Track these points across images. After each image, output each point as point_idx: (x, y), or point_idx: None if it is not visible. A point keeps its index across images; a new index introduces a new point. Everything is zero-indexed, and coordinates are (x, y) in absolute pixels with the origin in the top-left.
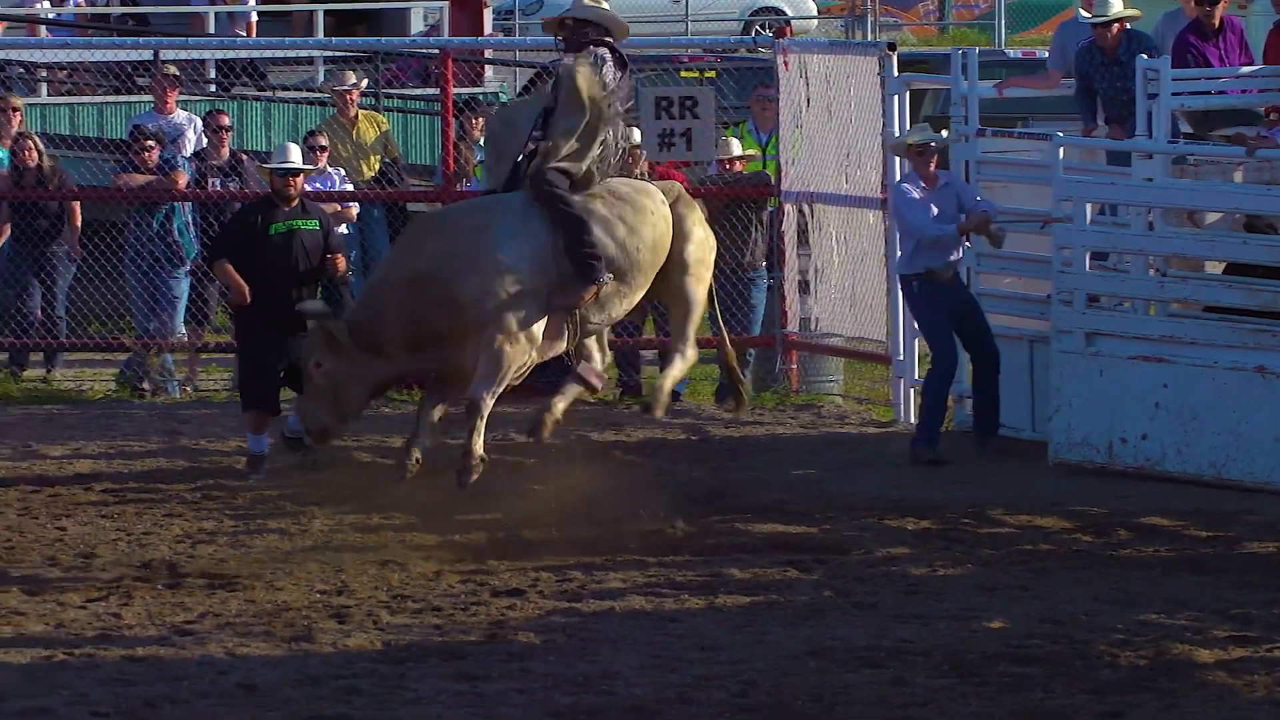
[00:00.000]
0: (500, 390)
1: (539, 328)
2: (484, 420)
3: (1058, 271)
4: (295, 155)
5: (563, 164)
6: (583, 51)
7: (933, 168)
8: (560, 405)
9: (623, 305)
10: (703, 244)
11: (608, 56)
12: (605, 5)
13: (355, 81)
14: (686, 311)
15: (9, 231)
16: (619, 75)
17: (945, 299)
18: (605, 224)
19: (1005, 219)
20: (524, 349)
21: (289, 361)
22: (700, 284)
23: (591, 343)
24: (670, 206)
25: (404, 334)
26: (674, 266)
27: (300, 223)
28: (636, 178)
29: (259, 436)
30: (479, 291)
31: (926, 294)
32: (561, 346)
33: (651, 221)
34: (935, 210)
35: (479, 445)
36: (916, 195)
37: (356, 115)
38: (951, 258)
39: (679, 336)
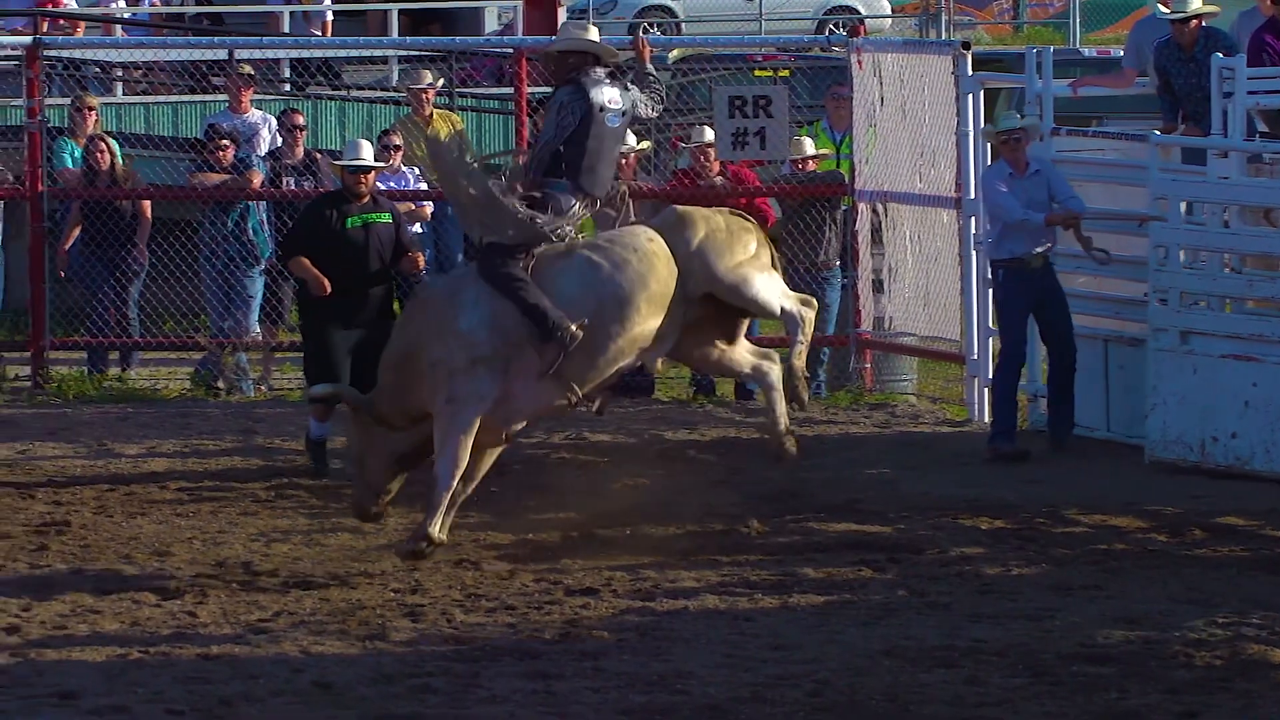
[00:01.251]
0: (459, 465)
1: (491, 392)
2: (445, 497)
3: (1154, 270)
4: (367, 152)
5: (492, 236)
6: (570, 83)
7: (1022, 155)
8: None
9: (626, 346)
10: (713, 235)
11: (603, 78)
12: (591, 33)
13: (431, 81)
14: (753, 297)
15: (78, 232)
16: (619, 95)
17: (1029, 289)
18: (574, 272)
19: (1097, 219)
20: (470, 415)
21: (357, 353)
22: (738, 266)
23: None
24: (662, 236)
25: (402, 407)
26: (701, 280)
27: (373, 216)
28: (710, 177)
29: (323, 423)
30: (434, 359)
31: (1010, 282)
32: (559, 404)
33: (636, 258)
34: (1024, 197)
35: (435, 527)
36: (1004, 181)
37: (431, 114)
38: (1040, 247)
39: (779, 318)
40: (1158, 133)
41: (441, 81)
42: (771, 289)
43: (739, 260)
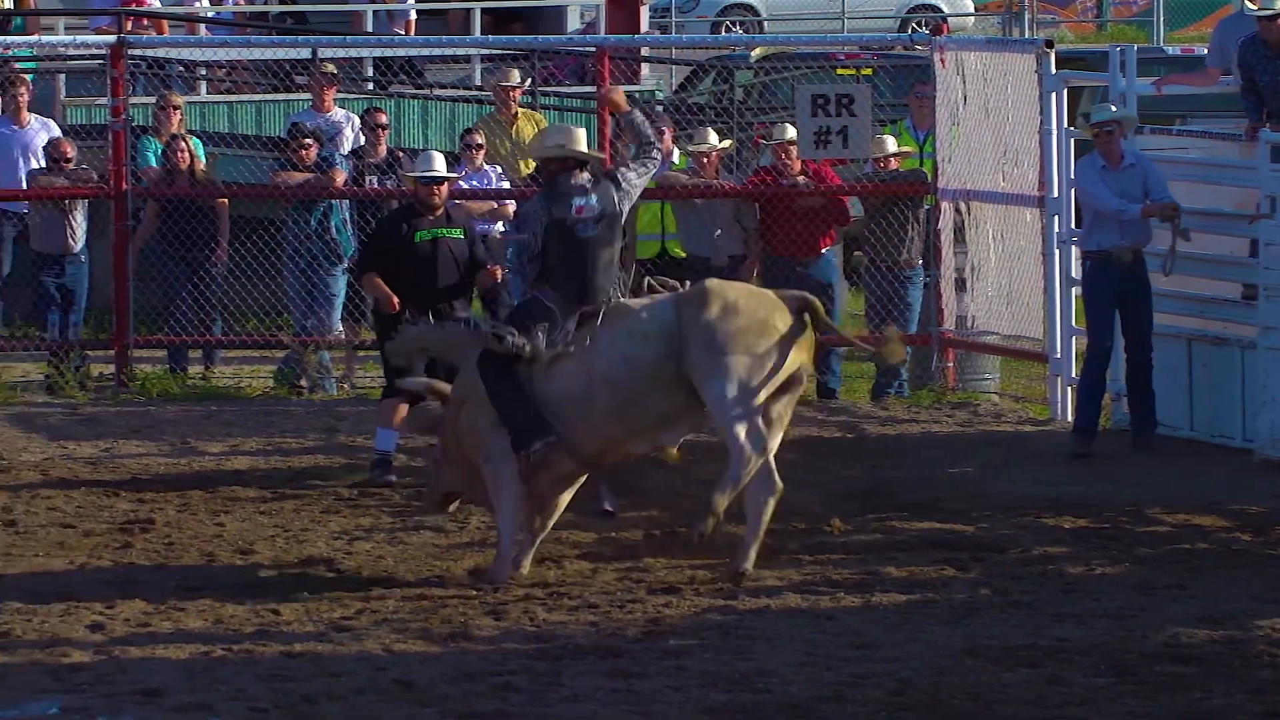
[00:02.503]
0: (515, 515)
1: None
2: (509, 547)
3: (1264, 268)
4: (439, 163)
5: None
6: (539, 192)
7: (1116, 147)
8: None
9: (624, 426)
10: (721, 320)
11: (576, 186)
12: (572, 137)
13: (519, 80)
14: (710, 399)
15: (152, 230)
16: (592, 201)
17: (1114, 283)
18: (576, 347)
19: (1195, 216)
20: (507, 468)
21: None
22: (720, 360)
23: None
24: (680, 309)
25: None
26: (684, 363)
27: (445, 231)
28: (792, 175)
29: (389, 433)
30: (466, 422)
31: (1096, 275)
32: (572, 481)
33: (630, 340)
34: (1116, 190)
35: (502, 572)
36: (1097, 173)
37: (516, 113)
38: (1129, 241)
39: (724, 437)
40: (1268, 130)
41: (529, 81)
42: (735, 401)
43: (728, 355)
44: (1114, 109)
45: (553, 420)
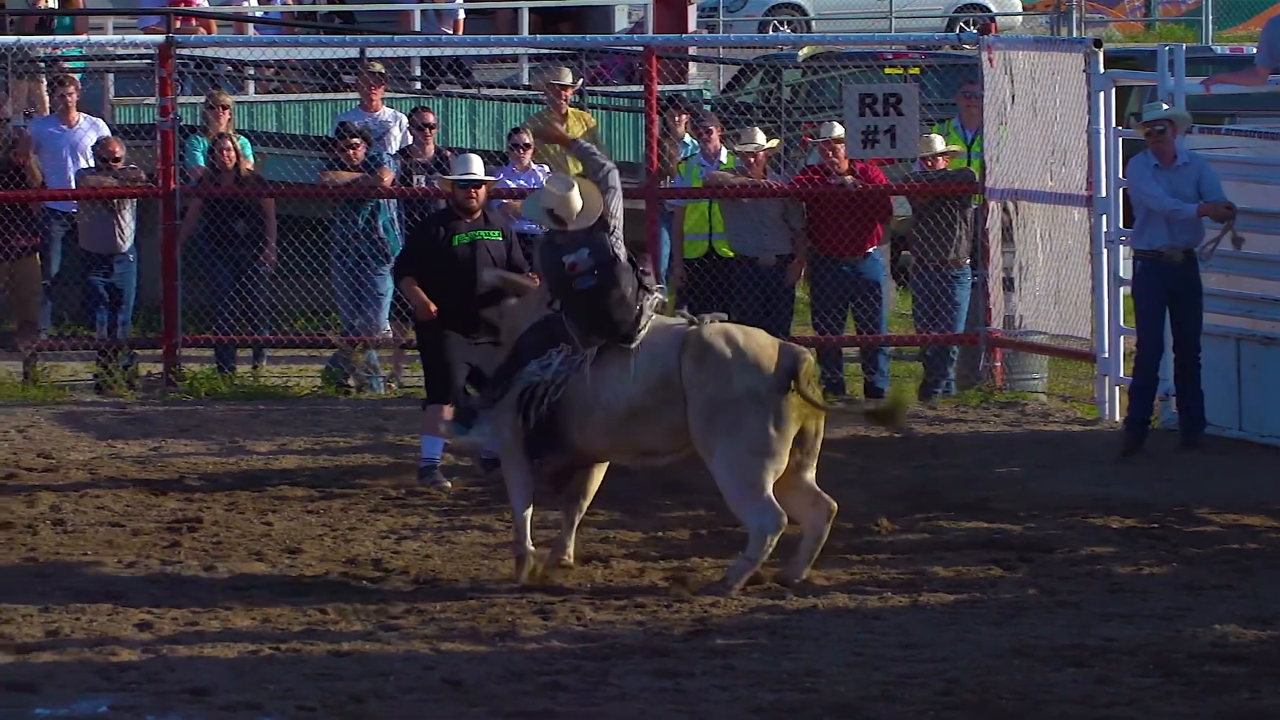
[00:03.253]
0: (522, 493)
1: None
2: (522, 520)
3: None
4: (476, 166)
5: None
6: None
7: (1169, 146)
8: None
9: (615, 443)
10: (720, 394)
11: (580, 237)
12: (564, 203)
13: (571, 79)
14: (728, 502)
15: (194, 225)
16: (597, 245)
17: (1165, 282)
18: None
19: (1244, 218)
20: (517, 451)
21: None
22: (721, 461)
23: None
24: (679, 360)
25: None
26: (692, 433)
27: (483, 233)
28: (840, 174)
29: (435, 440)
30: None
31: (1147, 273)
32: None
33: (629, 376)
34: (1168, 189)
35: (523, 542)
36: (1150, 172)
37: (567, 113)
38: (1180, 240)
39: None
40: None
41: (581, 81)
42: (743, 486)
43: (731, 439)
44: (1165, 107)
45: (565, 425)
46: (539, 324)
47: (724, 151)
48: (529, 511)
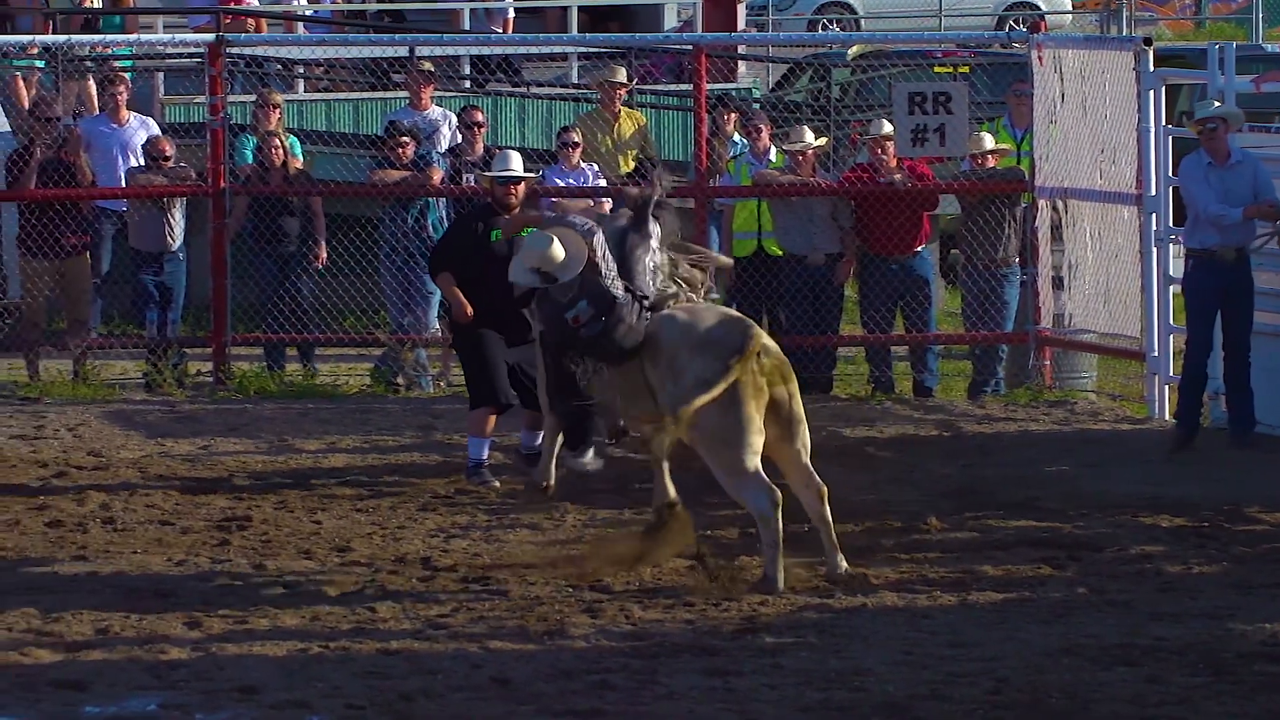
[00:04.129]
0: (549, 441)
1: None
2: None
3: None
4: (516, 163)
5: None
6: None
7: (1221, 144)
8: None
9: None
10: (688, 395)
11: (575, 289)
12: (548, 259)
13: (625, 78)
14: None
15: (240, 222)
16: (593, 291)
17: (1217, 281)
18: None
19: None
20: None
21: (511, 367)
22: (704, 455)
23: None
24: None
25: None
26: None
27: (523, 230)
28: (889, 171)
29: (481, 441)
30: None
31: (1199, 273)
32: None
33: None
34: (1221, 188)
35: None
36: (1202, 171)
37: (619, 111)
38: (1231, 240)
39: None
40: None
41: (636, 80)
42: (730, 473)
43: (706, 436)
44: (1217, 105)
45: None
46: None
47: (773, 150)
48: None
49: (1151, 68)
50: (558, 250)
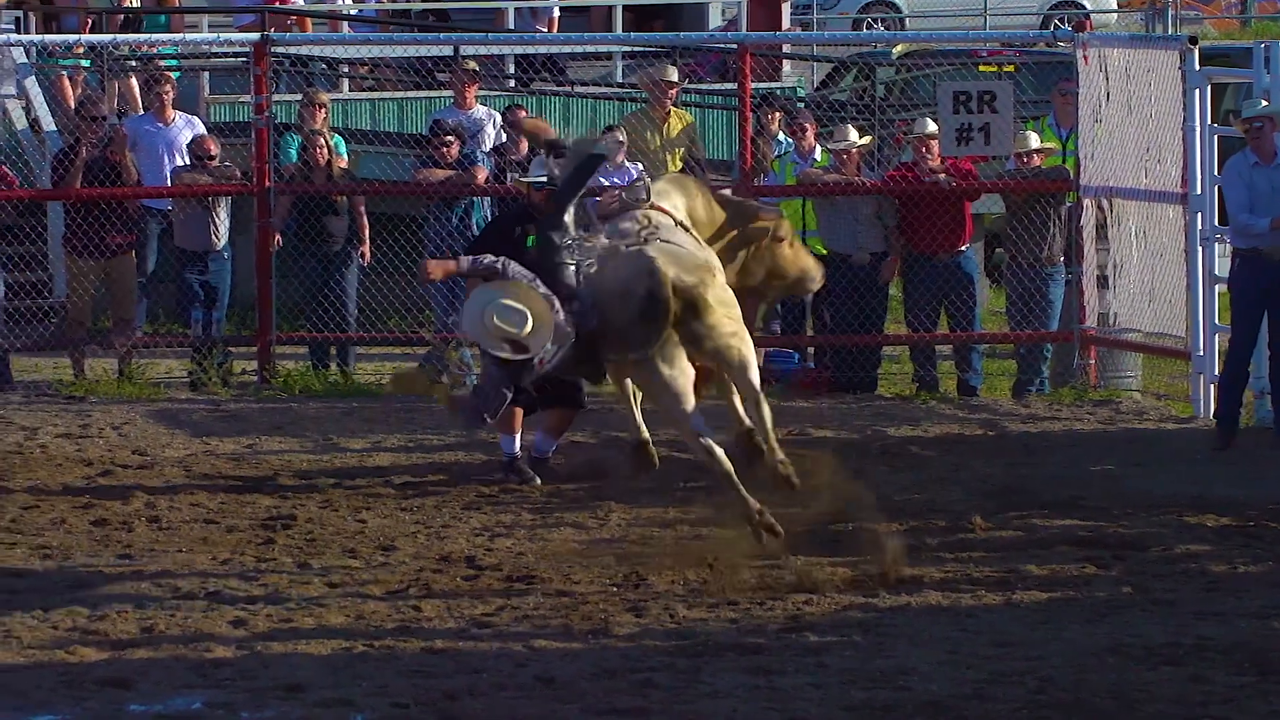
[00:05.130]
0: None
1: None
2: None
3: None
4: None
5: None
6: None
7: (1268, 143)
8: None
9: None
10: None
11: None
12: (514, 325)
13: (676, 77)
14: None
15: (284, 220)
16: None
17: (1261, 280)
18: None
19: None
20: None
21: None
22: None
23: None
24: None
25: None
26: None
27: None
28: (933, 171)
29: (511, 437)
30: None
31: (1245, 272)
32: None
33: None
34: (1267, 187)
35: None
36: (1247, 171)
37: (669, 111)
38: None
39: None
40: None
41: (687, 80)
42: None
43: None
44: (1264, 104)
45: None
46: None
47: (818, 149)
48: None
49: (1197, 66)
50: (530, 323)
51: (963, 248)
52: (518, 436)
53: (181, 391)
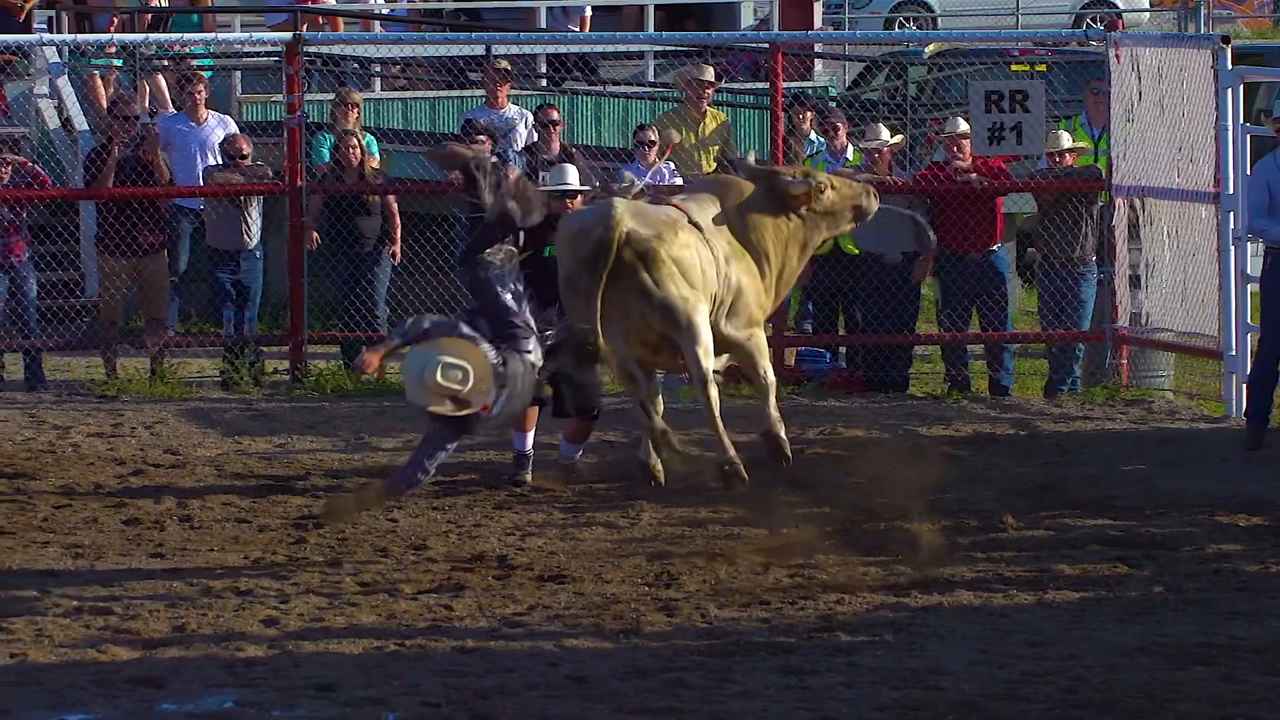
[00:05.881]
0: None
1: None
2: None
3: None
4: (572, 177)
5: None
6: None
7: None
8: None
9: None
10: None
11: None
12: (465, 387)
13: (713, 77)
14: None
15: (316, 220)
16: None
17: None
18: None
19: None
20: None
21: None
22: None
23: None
24: None
25: None
26: None
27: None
28: (965, 171)
29: (523, 435)
30: None
31: (1276, 272)
32: None
33: None
34: None
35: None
36: (1272, 174)
37: (705, 111)
38: None
39: None
40: None
41: (722, 78)
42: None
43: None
44: None
45: None
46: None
47: (850, 148)
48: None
49: (1229, 65)
50: (471, 378)
51: (994, 247)
52: (530, 435)
53: (213, 391)
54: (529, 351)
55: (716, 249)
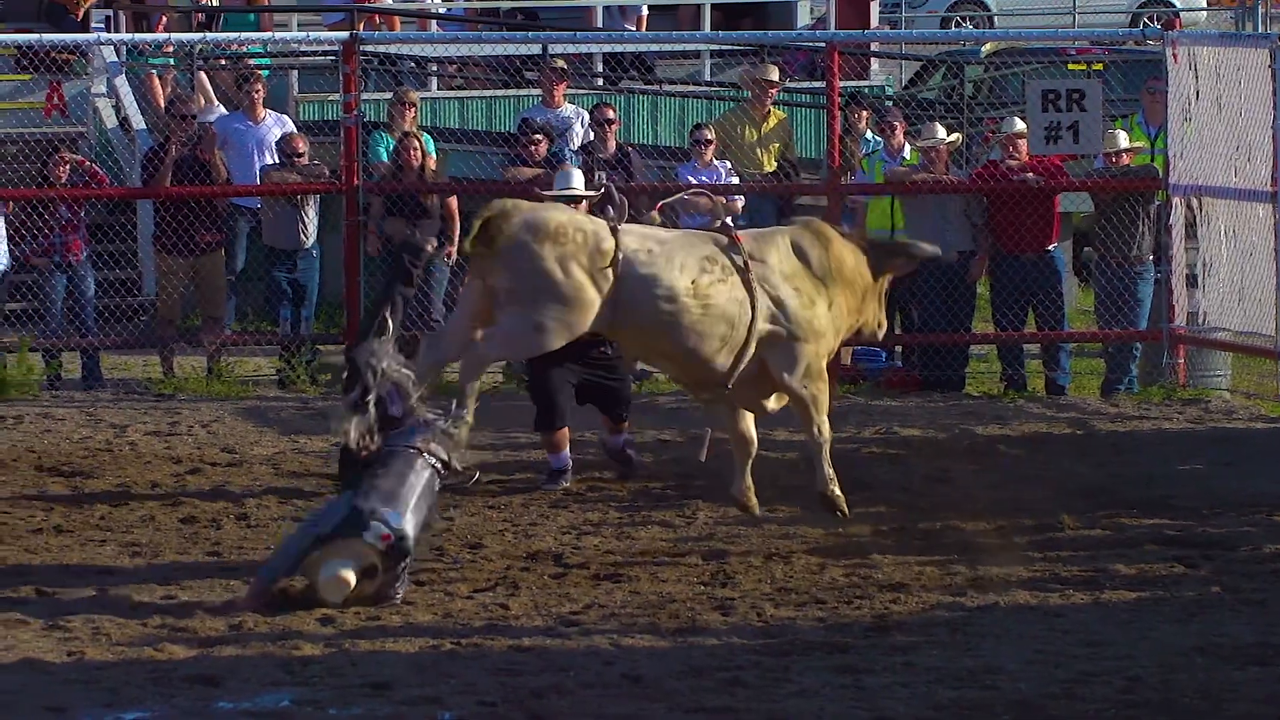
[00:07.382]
0: None
1: None
2: None
3: None
4: (577, 180)
5: None
6: None
7: None
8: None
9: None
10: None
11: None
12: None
13: (778, 76)
14: None
15: (378, 221)
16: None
17: None
18: None
19: None
20: None
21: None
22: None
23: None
24: None
25: None
26: None
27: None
28: (1021, 170)
29: (558, 455)
30: None
31: None
32: None
33: None
34: None
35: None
36: None
37: (769, 111)
38: None
39: None
40: None
41: (788, 80)
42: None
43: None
44: None
45: None
46: None
47: (907, 147)
48: None
49: None
50: (352, 584)
51: (1051, 246)
52: (565, 452)
53: (270, 389)
54: (429, 466)
55: (756, 289)
